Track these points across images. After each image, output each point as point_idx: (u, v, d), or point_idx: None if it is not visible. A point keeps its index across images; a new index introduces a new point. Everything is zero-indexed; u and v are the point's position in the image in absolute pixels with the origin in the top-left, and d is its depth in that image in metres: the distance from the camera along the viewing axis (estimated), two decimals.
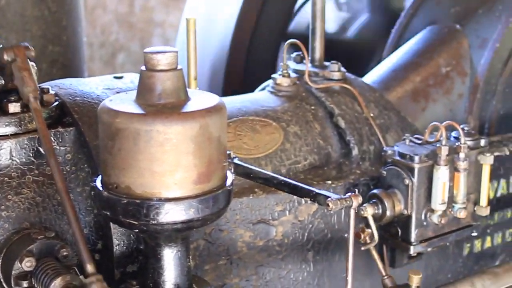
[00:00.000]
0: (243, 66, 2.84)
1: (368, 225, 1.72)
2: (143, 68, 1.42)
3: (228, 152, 1.56)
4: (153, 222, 1.38)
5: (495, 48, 2.46)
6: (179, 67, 1.42)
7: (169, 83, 1.40)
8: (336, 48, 2.93)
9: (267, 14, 2.87)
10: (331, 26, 3.79)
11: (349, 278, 1.49)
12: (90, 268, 1.25)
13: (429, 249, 1.95)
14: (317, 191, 1.51)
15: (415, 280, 1.74)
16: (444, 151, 1.82)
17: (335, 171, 2.03)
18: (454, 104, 2.46)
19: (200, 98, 1.46)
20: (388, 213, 1.87)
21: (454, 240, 2.02)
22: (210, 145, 1.39)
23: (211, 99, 1.45)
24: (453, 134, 1.94)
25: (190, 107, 1.40)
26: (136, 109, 1.38)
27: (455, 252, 2.28)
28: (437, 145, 1.84)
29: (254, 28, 2.84)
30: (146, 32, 6.23)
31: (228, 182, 1.47)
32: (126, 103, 1.41)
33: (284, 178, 1.63)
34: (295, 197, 1.87)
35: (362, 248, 1.74)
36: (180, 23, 3.48)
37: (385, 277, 1.77)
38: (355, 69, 2.35)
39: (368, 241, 1.73)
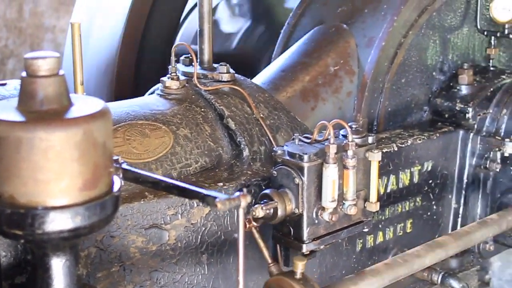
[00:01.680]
0: (134, 72, 2.82)
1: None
2: (24, 74, 1.38)
3: (116, 157, 1.53)
4: (39, 231, 1.34)
5: (381, 46, 2.52)
6: (61, 72, 1.39)
7: (50, 89, 1.36)
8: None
9: (156, 19, 2.85)
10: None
11: (240, 278, 1.49)
12: None
13: (321, 247, 1.97)
14: (206, 192, 1.49)
15: (300, 266, 1.77)
16: (333, 149, 1.84)
17: (227, 173, 2.02)
18: (343, 103, 2.50)
19: (84, 104, 1.43)
20: (279, 212, 1.87)
21: (346, 236, 2.05)
22: (95, 151, 1.37)
23: (95, 104, 1.43)
24: (342, 132, 1.97)
25: (73, 113, 1.37)
26: (17, 117, 1.34)
27: (348, 249, 2.32)
28: (326, 143, 1.86)
29: (143, 32, 2.81)
30: (36, 37, 6.09)
31: (116, 188, 1.44)
32: (7, 111, 1.37)
33: (173, 181, 1.62)
34: (187, 200, 1.86)
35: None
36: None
37: (271, 264, 1.79)
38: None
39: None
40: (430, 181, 2.53)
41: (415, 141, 2.45)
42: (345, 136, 1.93)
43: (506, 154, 2.55)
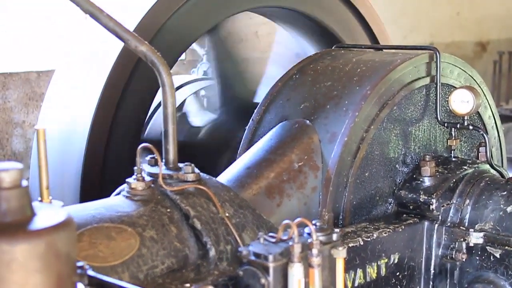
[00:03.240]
0: (100, 172, 2.83)
1: None
2: None
3: (81, 263, 1.54)
4: None
5: (344, 141, 2.57)
6: (24, 183, 1.41)
7: (13, 201, 1.38)
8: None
9: (122, 118, 2.89)
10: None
11: None
12: None
13: None
14: None
15: None
16: (297, 248, 1.85)
17: (193, 273, 2.03)
18: (308, 198, 2.53)
19: (47, 214, 1.44)
20: None
21: None
22: (58, 262, 1.37)
23: (58, 214, 1.44)
24: (306, 230, 1.99)
25: (36, 224, 1.38)
26: None
27: None
28: (290, 243, 1.88)
29: (109, 133, 2.85)
30: (5, 133, 6.11)
31: None
32: None
33: None
34: None
35: None
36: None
37: None
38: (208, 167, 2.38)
39: None
40: (398, 273, 2.55)
41: (381, 234, 2.48)
42: (309, 234, 1.95)
43: (471, 244, 2.58)
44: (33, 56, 6.19)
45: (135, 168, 2.16)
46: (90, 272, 1.67)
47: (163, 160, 2.26)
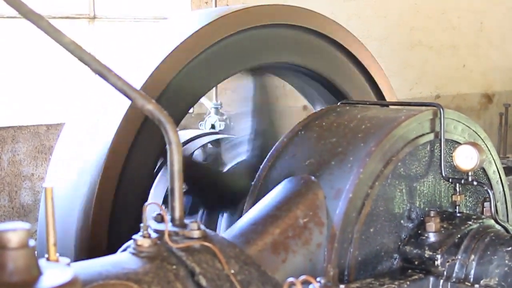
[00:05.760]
0: (107, 230, 2.86)
1: None
2: None
3: None
4: None
5: (348, 198, 2.59)
6: (30, 243, 1.44)
7: (20, 261, 1.41)
8: None
9: (129, 177, 2.92)
10: None
11: None
12: None
13: None
14: None
15: None
16: None
17: None
18: (313, 254, 2.54)
19: (53, 273, 1.46)
20: None
21: None
22: None
23: (64, 273, 1.46)
24: (311, 287, 2.00)
25: (42, 284, 1.40)
26: None
27: None
28: None
29: (116, 189, 2.87)
30: (14, 185, 6.15)
31: None
32: None
33: None
34: None
35: None
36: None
37: None
38: None
39: None
40: None
41: None
42: None
43: None
44: (43, 109, 6.26)
45: (141, 225, 2.18)
46: None
47: (169, 217, 2.28)
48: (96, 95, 3.25)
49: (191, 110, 6.26)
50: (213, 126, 5.23)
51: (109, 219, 2.86)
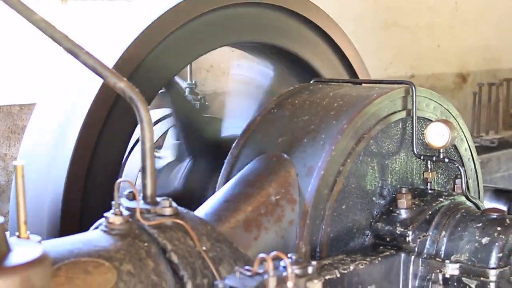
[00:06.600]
0: (80, 208, 2.85)
1: None
2: None
3: None
4: None
5: (320, 175, 2.60)
6: (0, 220, 1.43)
7: None
8: None
9: (101, 155, 2.91)
10: None
11: None
12: None
13: None
14: None
15: None
16: (272, 282, 1.88)
17: None
18: (286, 231, 2.55)
19: (23, 250, 1.46)
20: None
21: None
22: None
23: (34, 250, 1.46)
24: (282, 263, 2.01)
25: (11, 260, 1.40)
26: None
27: None
28: (266, 276, 1.90)
29: (89, 167, 2.86)
30: None
31: None
32: None
33: None
34: None
35: None
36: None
37: None
38: None
39: None
40: None
41: (358, 266, 2.50)
42: (285, 268, 1.98)
43: (447, 275, 2.61)
44: (16, 89, 6.21)
45: (113, 202, 2.18)
46: None
47: (141, 195, 2.28)
48: (69, 74, 3.23)
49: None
50: None
51: (81, 197, 2.86)
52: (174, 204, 2.24)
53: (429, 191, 2.87)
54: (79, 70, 2.63)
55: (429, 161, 2.90)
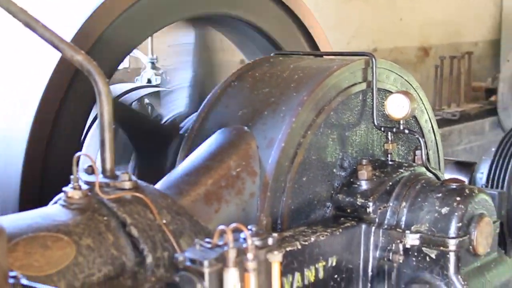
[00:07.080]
0: (39, 182, 2.82)
1: None
2: None
3: (14, 273, 1.54)
4: None
5: (281, 147, 2.60)
6: None
7: None
8: None
9: (61, 129, 2.88)
10: None
11: None
12: None
13: None
14: None
15: None
16: (232, 253, 1.88)
17: (130, 280, 2.04)
18: (247, 204, 2.55)
19: None
20: None
21: None
22: None
23: None
24: (242, 235, 2.01)
25: None
26: None
27: None
28: (226, 248, 1.90)
29: (48, 142, 2.83)
30: None
31: None
32: None
33: None
34: None
35: None
36: None
37: None
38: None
39: None
40: (336, 276, 2.59)
41: (319, 238, 2.51)
42: (245, 239, 1.97)
43: (407, 246, 2.63)
44: None
45: (72, 176, 2.16)
46: (24, 281, 1.68)
47: (100, 169, 2.26)
48: (25, 48, 3.18)
49: (127, 65, 6.20)
50: (149, 81, 5.17)
51: (40, 172, 2.83)
52: (133, 178, 2.23)
53: (390, 162, 2.89)
54: (37, 43, 2.60)
55: (389, 133, 2.91)
